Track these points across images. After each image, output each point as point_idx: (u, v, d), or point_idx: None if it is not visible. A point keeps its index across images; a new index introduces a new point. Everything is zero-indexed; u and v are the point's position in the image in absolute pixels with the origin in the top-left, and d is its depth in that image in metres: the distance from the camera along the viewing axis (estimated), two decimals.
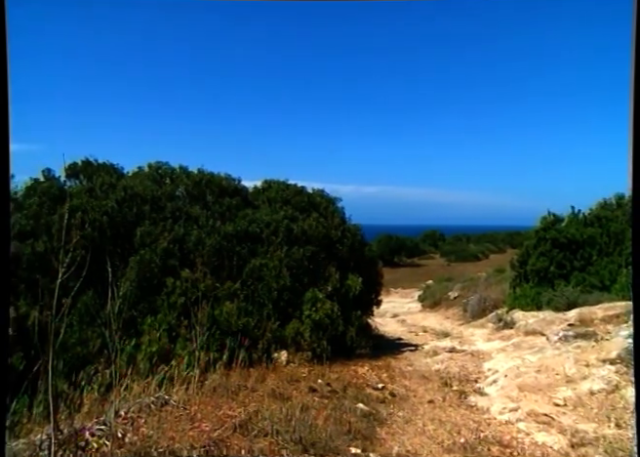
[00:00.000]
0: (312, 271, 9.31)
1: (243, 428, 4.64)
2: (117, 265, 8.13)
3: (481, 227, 70.30)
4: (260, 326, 8.25)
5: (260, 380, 6.58)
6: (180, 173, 10.74)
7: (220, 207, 9.95)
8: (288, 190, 11.17)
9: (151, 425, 4.45)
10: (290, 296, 8.82)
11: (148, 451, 3.98)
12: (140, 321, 7.79)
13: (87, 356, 7.18)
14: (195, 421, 4.73)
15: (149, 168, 10.87)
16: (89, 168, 10.50)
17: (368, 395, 6.82)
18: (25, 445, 3.74)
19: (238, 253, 8.95)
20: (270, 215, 9.80)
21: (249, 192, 11.30)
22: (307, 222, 9.83)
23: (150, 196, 9.45)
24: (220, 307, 8.03)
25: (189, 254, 8.76)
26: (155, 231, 8.75)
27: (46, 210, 8.88)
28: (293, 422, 4.78)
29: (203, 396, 5.49)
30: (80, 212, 8.17)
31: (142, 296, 8.05)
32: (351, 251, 10.24)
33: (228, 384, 5.98)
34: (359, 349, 9.13)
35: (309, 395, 6.30)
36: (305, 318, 8.60)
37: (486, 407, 6.39)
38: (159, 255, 8.37)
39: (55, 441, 3.40)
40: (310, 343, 8.40)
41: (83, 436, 3.91)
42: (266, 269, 8.80)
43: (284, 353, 8.22)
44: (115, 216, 8.82)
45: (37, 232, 8.59)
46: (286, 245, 9.25)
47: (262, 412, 5.02)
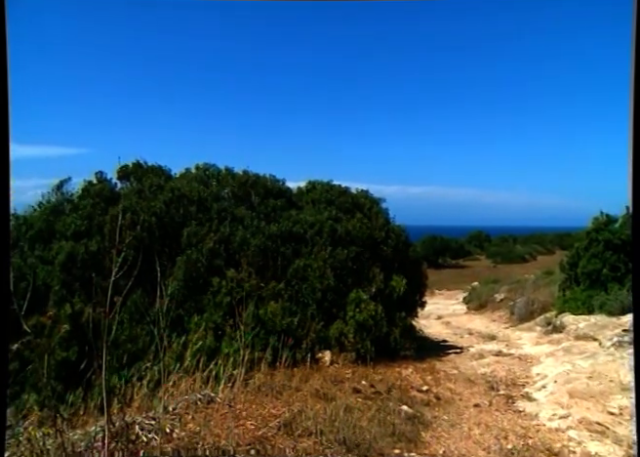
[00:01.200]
0: (356, 272, 9.30)
1: (287, 427, 4.67)
2: (165, 264, 8.32)
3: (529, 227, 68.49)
4: (303, 326, 8.29)
5: (303, 380, 6.61)
6: (225, 174, 10.92)
7: (264, 208, 10.06)
8: (332, 191, 11.19)
9: (198, 421, 4.54)
10: (334, 296, 8.83)
11: (195, 447, 4.06)
12: (187, 320, 7.96)
13: (136, 353, 7.40)
14: (240, 419, 4.79)
15: (196, 169, 11.10)
16: (139, 170, 10.80)
17: (412, 398, 6.76)
18: (82, 436, 3.87)
19: (282, 253, 9.02)
20: (314, 216, 9.83)
21: (293, 193, 11.39)
22: (351, 222, 9.83)
23: (197, 197, 9.64)
24: (265, 306, 8.12)
25: (234, 254, 8.89)
26: (201, 232, 8.92)
27: (99, 211, 9.20)
28: (337, 422, 4.79)
29: (248, 395, 5.55)
30: (130, 213, 8.43)
31: (189, 295, 8.22)
32: (395, 252, 10.17)
33: (273, 383, 6.03)
34: (403, 350, 9.05)
35: (353, 396, 6.29)
36: (349, 319, 8.59)
37: (534, 413, 6.23)
38: (205, 255, 8.53)
39: (108, 434, 3.51)
40: (354, 344, 8.39)
41: (134, 430, 4.02)
42: (310, 269, 8.84)
43: (328, 354, 8.24)
44: (163, 216, 9.05)
45: (91, 233, 8.91)
46: (330, 246, 9.27)
47: (306, 412, 5.04)
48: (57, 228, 9.34)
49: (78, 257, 8.42)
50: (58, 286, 8.22)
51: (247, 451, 4.11)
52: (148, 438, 4.06)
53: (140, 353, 7.37)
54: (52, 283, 8.29)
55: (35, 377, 6.74)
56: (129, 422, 4.12)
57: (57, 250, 8.74)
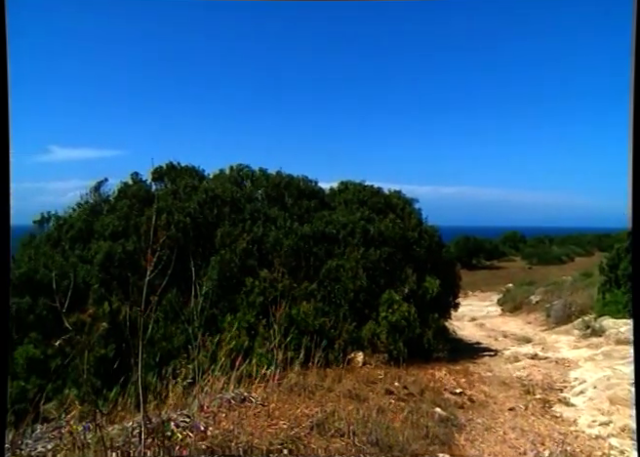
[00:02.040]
0: (389, 273, 9.26)
1: (320, 427, 4.68)
2: (199, 264, 8.44)
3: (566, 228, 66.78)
4: (336, 327, 8.30)
5: (336, 380, 6.61)
6: (259, 175, 11.01)
7: (297, 209, 10.11)
8: (364, 192, 11.17)
9: (231, 420, 4.58)
10: (366, 297, 8.81)
11: (229, 445, 4.10)
12: (221, 319, 8.06)
13: (171, 351, 7.53)
14: (273, 418, 4.82)
15: (230, 170, 11.23)
16: (172, 171, 11.00)
17: (446, 400, 6.69)
18: (119, 431, 3.96)
19: (315, 254, 9.05)
20: (347, 216, 9.83)
21: (326, 194, 11.40)
22: (384, 223, 9.79)
23: (230, 198, 9.75)
24: (298, 306, 8.15)
25: (267, 254, 8.96)
26: (235, 232, 9.02)
27: (135, 212, 9.40)
28: (369, 423, 4.77)
29: (281, 394, 5.58)
30: (165, 213, 8.59)
31: (223, 295, 8.32)
32: (428, 252, 10.09)
33: (305, 383, 6.05)
34: (436, 352, 8.97)
35: (386, 398, 6.26)
36: (382, 320, 8.56)
37: (573, 419, 6.08)
38: (239, 255, 8.63)
39: (144, 430, 3.58)
40: (387, 345, 8.35)
41: (169, 427, 4.09)
42: (343, 269, 8.84)
43: (360, 355, 8.22)
44: (197, 217, 9.18)
45: (127, 233, 9.11)
46: (362, 246, 9.26)
47: (339, 412, 5.04)
48: (95, 228, 9.59)
49: (115, 256, 8.63)
50: (96, 285, 8.43)
51: (280, 450, 4.14)
52: (183, 435, 4.12)
53: (174, 351, 7.51)
54: (91, 282, 8.50)
55: (76, 373, 6.93)
56: (164, 419, 4.19)
57: (95, 250, 8.97)
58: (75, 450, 3.54)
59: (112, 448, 3.58)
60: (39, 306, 8.20)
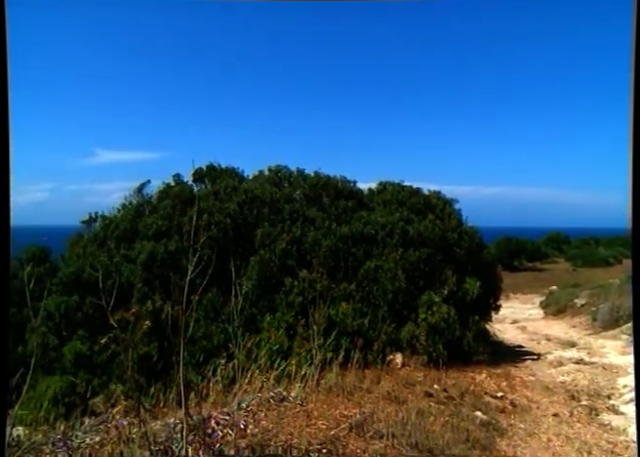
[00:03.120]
0: (428, 274, 9.17)
1: (358, 428, 4.67)
2: (238, 264, 8.55)
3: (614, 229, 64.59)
4: (375, 328, 8.27)
5: (375, 381, 6.59)
6: (297, 176, 11.07)
7: (335, 209, 10.11)
8: (403, 192, 11.08)
9: (271, 419, 4.62)
10: (405, 298, 8.75)
11: (268, 444, 4.13)
12: (260, 319, 8.14)
13: (211, 350, 7.65)
14: (312, 418, 4.83)
15: (269, 171, 11.33)
16: (213, 172, 11.18)
17: (486, 404, 6.57)
18: (162, 427, 4.05)
19: (353, 254, 9.03)
20: (385, 217, 9.78)
21: (364, 194, 11.38)
22: (423, 224, 9.70)
23: (269, 199, 9.84)
24: (336, 307, 8.16)
25: (306, 255, 9.00)
26: (274, 233, 9.10)
27: (177, 212, 9.60)
28: (409, 426, 4.74)
29: (319, 395, 5.60)
30: (206, 214, 8.73)
31: (262, 294, 8.40)
32: (469, 254, 9.93)
33: (344, 384, 6.05)
34: (476, 355, 8.82)
35: (425, 400, 6.20)
36: (421, 322, 8.48)
37: (622, 428, 5.86)
38: (278, 255, 8.69)
39: (186, 426, 3.65)
40: (426, 347, 8.27)
41: (210, 424, 4.15)
42: (381, 270, 8.80)
43: (399, 356, 8.17)
44: (237, 217, 9.30)
45: (170, 233, 9.30)
46: (401, 247, 9.19)
47: (378, 414, 5.03)
48: (139, 228, 9.83)
49: (158, 256, 8.82)
50: (140, 284, 8.65)
51: (318, 450, 4.15)
52: (223, 433, 4.17)
53: (214, 349, 7.62)
54: (134, 281, 8.72)
55: (120, 369, 7.13)
56: (205, 416, 4.26)
57: (139, 249, 9.20)
58: (120, 444, 3.63)
59: (155, 443, 3.66)
60: (86, 304, 8.46)
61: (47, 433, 3.87)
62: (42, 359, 7.86)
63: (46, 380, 7.55)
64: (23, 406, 4.16)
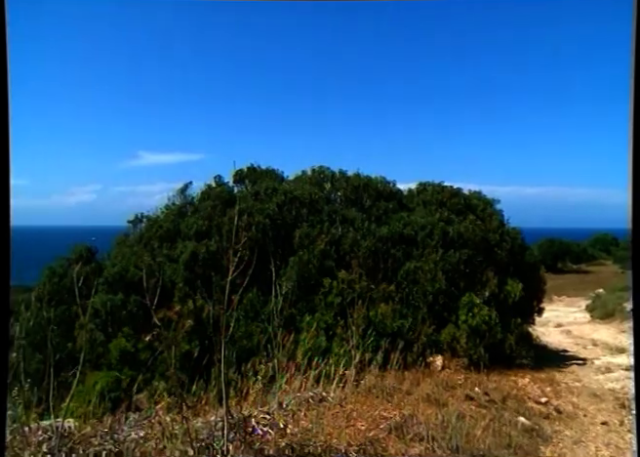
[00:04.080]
0: (469, 276, 9.04)
1: (398, 430, 4.65)
2: (278, 264, 8.62)
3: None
4: (414, 329, 8.21)
5: (414, 383, 6.54)
6: (339, 177, 11.08)
7: (375, 210, 10.09)
8: (443, 193, 10.96)
9: (310, 419, 4.65)
10: (445, 300, 8.65)
11: (308, 444, 4.15)
12: (299, 319, 8.19)
13: (251, 349, 7.74)
14: (351, 419, 4.84)
15: (312, 172, 11.39)
16: (253, 174, 11.31)
17: (530, 409, 6.43)
18: (203, 424, 4.12)
19: (393, 255, 8.99)
20: (425, 217, 9.70)
21: (404, 195, 11.31)
22: (463, 224, 9.57)
23: (309, 200, 9.88)
24: (375, 308, 8.14)
25: (345, 255, 9.01)
26: (313, 233, 9.13)
27: (218, 213, 9.75)
28: (449, 429, 4.68)
29: (358, 396, 5.59)
30: (246, 215, 8.83)
31: (301, 295, 8.45)
32: (510, 255, 9.74)
33: (383, 385, 6.03)
34: (519, 358, 8.65)
35: (466, 403, 6.11)
36: (462, 324, 8.37)
37: None
38: (317, 256, 8.73)
39: (227, 425, 3.70)
40: (466, 349, 8.15)
41: (250, 423, 4.21)
42: (421, 272, 8.72)
43: (439, 358, 8.09)
44: (276, 218, 9.38)
45: (210, 233, 9.46)
46: (441, 248, 9.09)
47: (417, 416, 4.99)
48: (181, 228, 10.04)
49: (199, 256, 8.98)
50: (181, 283, 8.82)
51: (358, 451, 4.14)
52: (264, 432, 4.22)
53: (254, 349, 7.71)
54: (176, 280, 8.91)
55: (163, 366, 7.30)
56: (245, 415, 4.31)
57: (181, 249, 9.38)
58: (164, 440, 3.71)
59: (197, 440, 3.72)
60: (130, 302, 8.70)
61: (95, 426, 3.99)
62: (90, 355, 8.11)
63: (94, 375, 7.80)
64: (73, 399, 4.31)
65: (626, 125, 1.87)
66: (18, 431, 3.40)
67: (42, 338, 6.37)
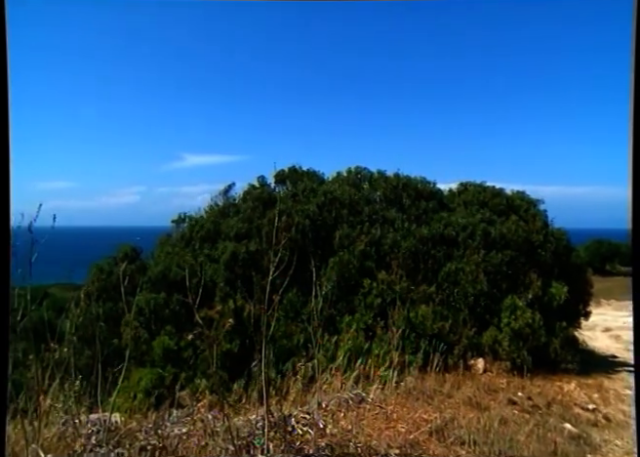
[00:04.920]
0: (511, 277, 8.86)
1: (439, 433, 4.60)
2: (317, 265, 8.64)
3: None
4: (455, 331, 8.10)
5: (455, 386, 6.45)
6: (377, 177, 11.05)
7: (415, 210, 10.00)
8: (485, 193, 10.78)
9: (350, 419, 4.64)
10: (487, 302, 8.51)
11: (347, 444, 4.15)
12: (339, 320, 8.20)
13: (291, 349, 7.79)
14: (391, 421, 4.81)
15: (349, 173, 11.39)
16: (294, 175, 11.38)
17: (576, 416, 6.25)
18: (244, 422, 4.17)
19: (433, 256, 8.90)
20: (466, 218, 9.56)
21: (444, 195, 11.18)
22: (506, 225, 9.39)
23: (348, 200, 9.88)
24: (416, 309, 8.08)
25: (385, 256, 8.97)
26: (353, 234, 9.13)
27: (258, 214, 9.86)
28: (491, 434, 4.60)
29: (398, 397, 5.55)
30: (286, 215, 8.90)
31: (341, 295, 8.46)
32: (555, 257, 9.49)
33: (423, 387, 5.97)
34: (564, 363, 8.41)
35: (508, 408, 5.99)
36: (504, 326, 8.21)
37: None
38: (357, 257, 8.72)
39: (267, 423, 3.74)
40: (509, 352, 7.99)
41: (290, 422, 4.23)
42: (462, 273, 8.61)
43: (480, 361, 7.95)
44: (316, 219, 9.41)
45: (250, 234, 9.58)
46: (483, 249, 8.95)
47: (459, 420, 4.92)
48: (222, 229, 10.20)
49: (240, 256, 9.11)
50: (222, 283, 8.96)
51: (398, 454, 4.12)
52: (303, 432, 4.24)
53: (293, 349, 7.76)
54: (217, 280, 9.05)
55: (204, 364, 7.43)
56: (285, 414, 4.35)
57: (222, 250, 9.53)
58: (206, 436, 3.78)
59: (238, 438, 3.78)
60: (173, 301, 8.89)
61: (140, 421, 4.10)
62: (134, 352, 8.33)
63: (138, 371, 8.00)
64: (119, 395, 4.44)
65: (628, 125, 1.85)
66: (69, 422, 3.52)
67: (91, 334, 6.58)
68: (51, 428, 3.48)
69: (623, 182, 1.80)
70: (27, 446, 3.02)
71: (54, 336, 3.60)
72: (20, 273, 2.96)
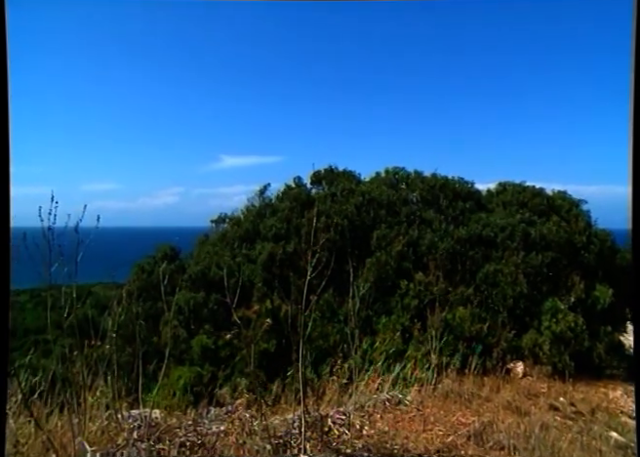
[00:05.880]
0: (552, 279, 8.66)
1: (477, 437, 4.53)
2: (354, 266, 8.64)
3: None
4: (494, 334, 7.97)
5: (494, 390, 6.35)
6: (415, 178, 10.97)
7: (453, 211, 9.89)
8: (524, 193, 10.57)
9: (386, 421, 4.63)
10: (527, 304, 8.33)
11: (384, 446, 4.13)
12: (376, 321, 8.17)
13: (327, 349, 7.81)
14: (428, 423, 4.76)
15: (386, 173, 11.35)
16: (330, 175, 11.41)
17: (623, 424, 6.04)
18: (281, 422, 4.21)
19: (471, 257, 8.78)
20: (505, 219, 9.39)
21: (482, 195, 11.02)
22: (547, 226, 9.18)
23: (386, 201, 9.85)
24: (453, 311, 7.98)
25: (422, 257, 8.89)
26: (390, 234, 9.09)
27: (295, 214, 9.92)
28: (532, 439, 4.49)
29: (435, 400, 5.50)
30: (324, 216, 8.93)
31: (378, 296, 8.43)
32: (599, 258, 9.22)
33: (461, 390, 5.89)
34: (609, 369, 8.16)
35: (550, 414, 5.85)
36: (545, 330, 8.02)
37: None
38: (394, 257, 8.68)
39: (304, 423, 3.76)
40: (550, 357, 7.80)
41: (327, 422, 4.24)
42: (501, 274, 8.46)
43: (520, 365, 7.80)
44: (354, 219, 9.41)
45: (288, 234, 9.64)
46: (522, 250, 8.77)
47: (498, 424, 4.83)
48: (259, 229, 10.30)
49: (277, 257, 9.18)
50: (260, 283, 9.05)
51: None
52: (340, 432, 4.25)
53: (330, 349, 7.77)
54: (255, 280, 9.14)
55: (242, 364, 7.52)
56: (322, 414, 4.36)
57: (259, 250, 9.63)
58: (244, 435, 3.83)
59: (275, 437, 3.81)
60: (211, 300, 9.02)
61: (179, 418, 4.18)
62: (173, 350, 8.50)
63: (177, 369, 8.15)
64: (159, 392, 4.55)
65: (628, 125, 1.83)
66: (112, 417, 3.62)
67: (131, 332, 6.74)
68: (95, 421, 3.58)
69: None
70: (74, 438, 3.12)
71: (97, 333, 3.71)
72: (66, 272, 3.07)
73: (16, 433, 3.25)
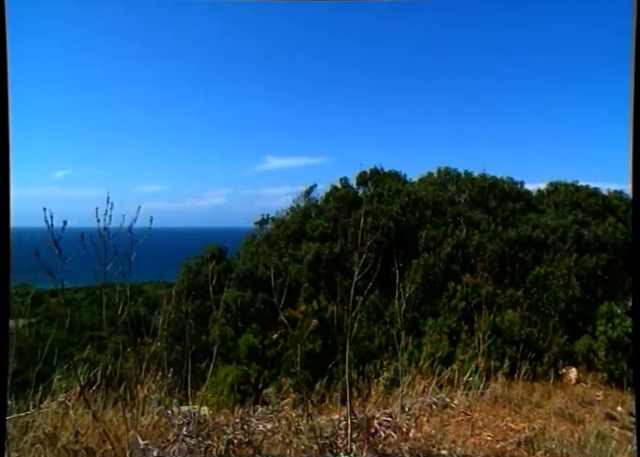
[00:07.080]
0: (607, 283, 8.36)
1: (528, 445, 4.40)
2: (400, 267, 8.58)
3: None
4: (544, 338, 7.76)
5: (545, 396, 6.16)
6: (465, 178, 10.82)
7: (501, 212, 9.69)
8: (578, 193, 10.25)
9: (433, 424, 4.55)
10: (580, 308, 8.07)
11: (430, 450, 4.07)
12: (422, 323, 8.09)
13: (373, 351, 7.78)
14: (476, 428, 4.67)
15: (438, 173, 11.26)
16: (376, 176, 11.38)
17: None
18: (327, 422, 4.21)
19: (521, 259, 8.57)
20: (557, 219, 9.14)
21: (532, 196, 10.77)
22: (601, 227, 8.87)
23: (432, 201, 9.73)
24: (502, 314, 7.81)
25: (470, 259, 8.75)
26: (438, 236, 8.98)
27: (342, 214, 9.94)
28: (587, 449, 4.33)
29: (484, 404, 5.38)
30: (370, 217, 8.91)
31: (424, 298, 8.33)
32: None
33: (510, 395, 5.75)
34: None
35: (606, 423, 5.61)
36: (600, 335, 7.74)
37: None
38: (442, 259, 8.57)
39: (350, 424, 3.74)
40: (606, 363, 7.53)
41: (373, 424, 4.22)
42: (552, 277, 8.22)
43: (573, 371, 7.55)
44: (400, 220, 9.34)
45: (334, 235, 9.66)
46: (575, 252, 8.51)
47: (550, 431, 4.68)
48: (306, 229, 10.36)
49: (323, 257, 9.21)
50: (306, 283, 9.10)
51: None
52: (386, 434, 4.21)
53: (375, 350, 7.74)
54: (301, 280, 9.20)
55: (288, 363, 7.58)
56: (368, 416, 4.33)
57: (305, 250, 9.69)
58: (290, 434, 3.85)
59: (321, 437, 3.81)
60: (258, 300, 9.13)
61: (227, 415, 4.24)
62: (221, 348, 8.65)
63: (225, 368, 8.30)
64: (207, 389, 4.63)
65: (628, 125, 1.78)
66: (162, 413, 3.71)
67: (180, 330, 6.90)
68: (147, 416, 3.68)
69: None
70: (127, 432, 3.21)
71: (148, 331, 3.82)
72: (120, 271, 3.16)
73: (75, 423, 3.38)
